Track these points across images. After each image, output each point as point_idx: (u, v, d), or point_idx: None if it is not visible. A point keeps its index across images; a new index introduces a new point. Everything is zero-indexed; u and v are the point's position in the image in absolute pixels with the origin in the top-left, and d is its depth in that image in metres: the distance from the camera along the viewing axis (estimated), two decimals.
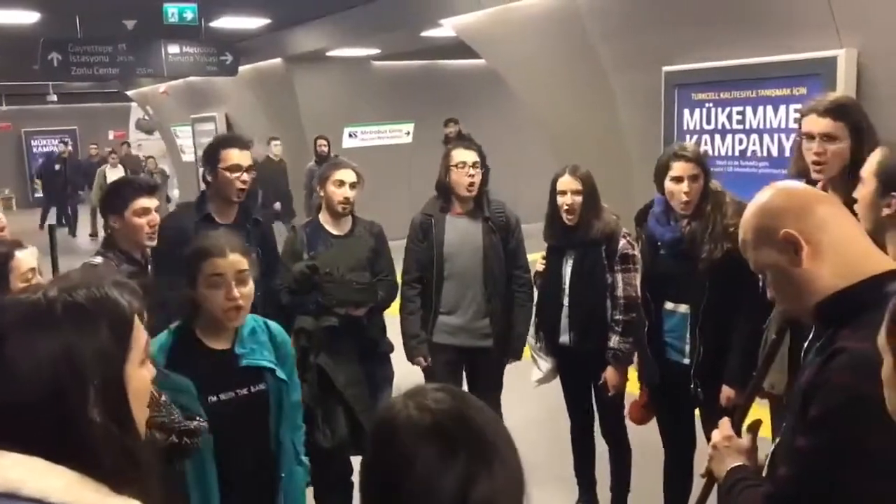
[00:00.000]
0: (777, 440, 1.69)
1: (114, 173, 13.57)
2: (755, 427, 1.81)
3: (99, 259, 3.27)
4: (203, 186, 4.00)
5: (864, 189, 2.25)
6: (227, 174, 3.65)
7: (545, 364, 3.96)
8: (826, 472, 1.41)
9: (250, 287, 2.50)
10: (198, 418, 2.27)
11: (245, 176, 3.67)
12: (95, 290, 1.18)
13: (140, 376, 1.21)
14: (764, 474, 1.68)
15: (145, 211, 3.32)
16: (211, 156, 3.74)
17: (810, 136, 2.85)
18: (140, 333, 1.22)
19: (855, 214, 2.15)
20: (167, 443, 2.17)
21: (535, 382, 4.03)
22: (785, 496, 1.49)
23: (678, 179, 3.29)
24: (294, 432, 2.70)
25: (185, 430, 2.22)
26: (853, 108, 2.92)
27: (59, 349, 1.11)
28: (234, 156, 3.67)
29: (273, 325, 2.69)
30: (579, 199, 3.65)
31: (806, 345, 1.71)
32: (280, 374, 2.59)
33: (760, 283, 2.50)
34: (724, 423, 1.83)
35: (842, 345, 1.43)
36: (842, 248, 1.53)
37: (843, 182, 2.74)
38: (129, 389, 1.18)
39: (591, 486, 4.07)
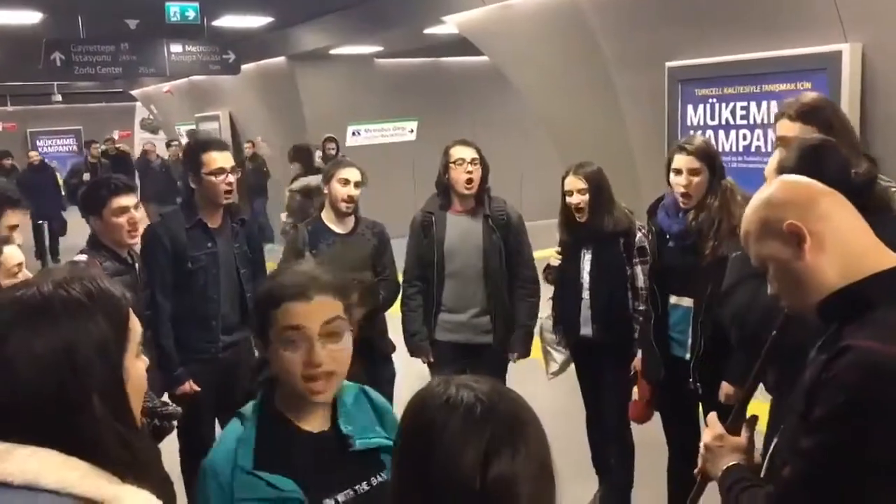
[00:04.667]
0: (776, 439, 1.67)
1: None
2: (752, 423, 1.79)
3: (83, 257, 3.30)
4: None
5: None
6: (213, 178, 3.58)
7: (560, 356, 4.05)
8: (830, 473, 1.39)
9: (343, 343, 1.67)
10: (171, 404, 2.20)
11: (230, 178, 3.61)
12: (89, 283, 1.17)
13: (137, 368, 1.21)
14: (763, 473, 1.66)
15: (123, 210, 3.32)
16: (192, 161, 3.65)
17: (784, 141, 2.83)
18: (135, 325, 1.21)
19: None
20: (149, 426, 2.23)
21: (549, 375, 4.11)
22: (788, 497, 1.47)
23: (677, 172, 3.31)
24: None
25: (164, 414, 2.24)
26: (824, 109, 2.86)
27: (58, 345, 1.10)
28: (216, 159, 3.60)
29: (371, 392, 1.91)
30: (586, 197, 3.73)
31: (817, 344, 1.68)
32: None
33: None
34: (714, 422, 1.81)
35: (848, 343, 1.40)
36: (845, 243, 1.51)
37: None
38: (128, 382, 1.18)
39: (610, 473, 4.07)
